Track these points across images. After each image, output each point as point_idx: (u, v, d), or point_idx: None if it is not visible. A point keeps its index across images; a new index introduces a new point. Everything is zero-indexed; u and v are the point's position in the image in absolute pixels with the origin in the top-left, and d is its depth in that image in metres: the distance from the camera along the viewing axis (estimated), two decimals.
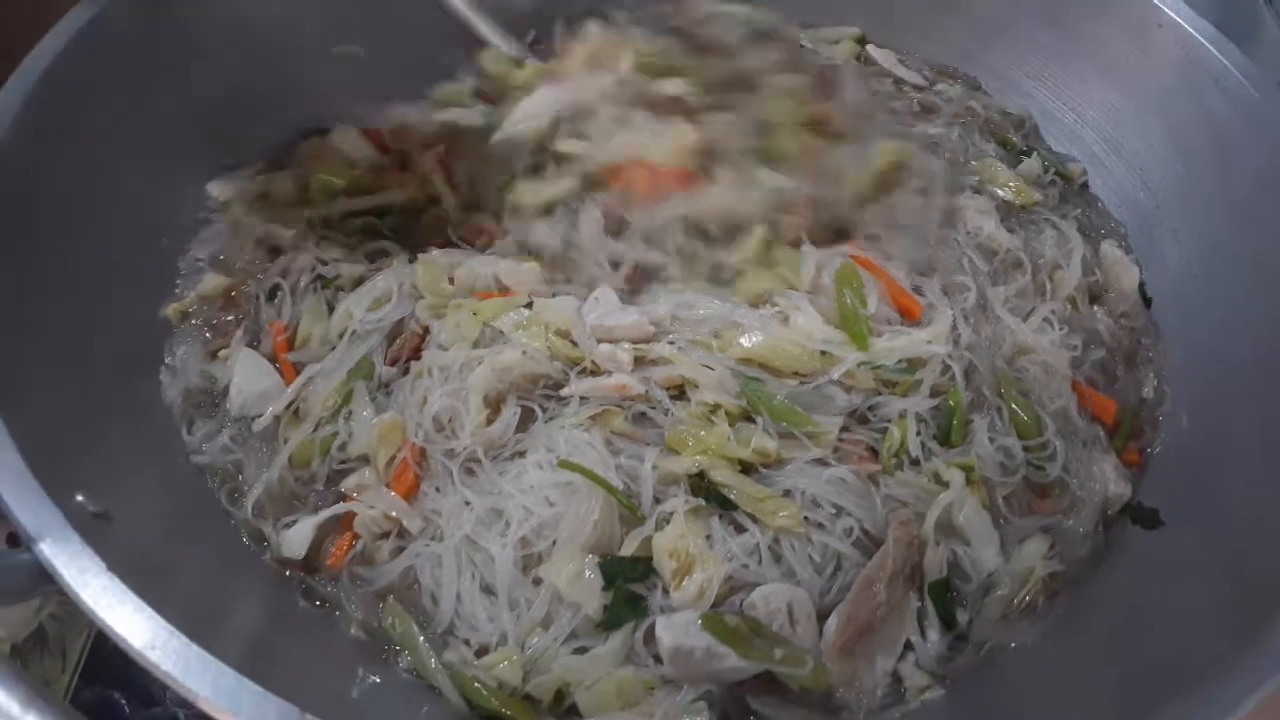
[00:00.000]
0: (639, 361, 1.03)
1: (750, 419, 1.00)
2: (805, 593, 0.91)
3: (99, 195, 1.08)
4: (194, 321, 1.16)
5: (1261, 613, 0.83)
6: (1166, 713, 0.77)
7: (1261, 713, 0.76)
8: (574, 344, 1.04)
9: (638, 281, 1.15)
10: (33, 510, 0.77)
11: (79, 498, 0.81)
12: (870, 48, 1.53)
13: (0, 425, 0.80)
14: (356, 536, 1.00)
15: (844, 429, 1.00)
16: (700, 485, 0.96)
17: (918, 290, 1.13)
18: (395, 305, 1.11)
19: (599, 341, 1.03)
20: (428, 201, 1.27)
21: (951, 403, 1.03)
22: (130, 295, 1.12)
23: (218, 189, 1.26)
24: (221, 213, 1.24)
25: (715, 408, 0.99)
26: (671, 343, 1.03)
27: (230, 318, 1.17)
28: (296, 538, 0.99)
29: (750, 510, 0.94)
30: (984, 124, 1.42)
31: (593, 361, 1.03)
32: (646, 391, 1.00)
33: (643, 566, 0.92)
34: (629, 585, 0.91)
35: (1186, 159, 1.25)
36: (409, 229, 1.24)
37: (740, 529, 0.95)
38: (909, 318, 1.10)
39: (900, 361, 1.03)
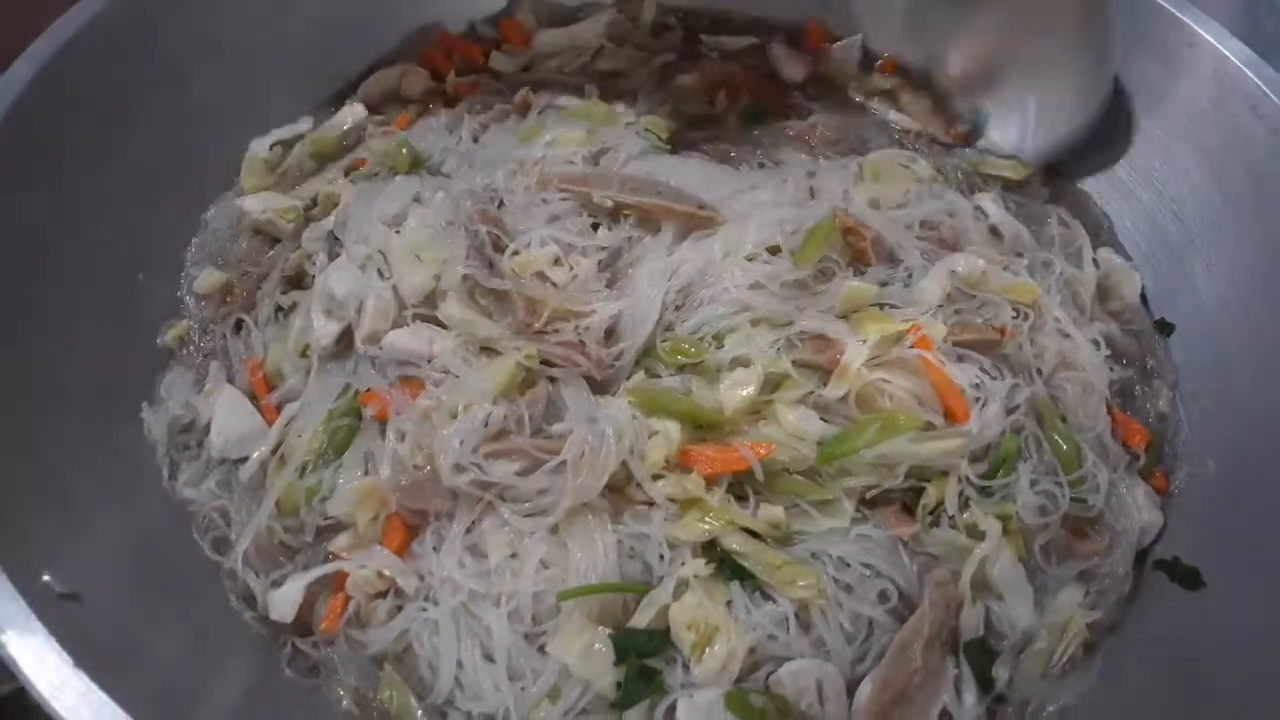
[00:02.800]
0: None
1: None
2: (835, 668, 0.86)
3: (65, 233, 1.03)
4: (188, 350, 1.14)
5: None
6: None
7: None
8: None
9: None
10: None
11: (46, 578, 0.77)
12: None
13: None
14: (350, 597, 0.94)
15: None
16: (713, 551, 0.90)
17: (978, 384, 0.99)
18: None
19: None
20: None
21: (1002, 456, 0.97)
22: (105, 338, 1.06)
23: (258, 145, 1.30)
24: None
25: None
26: None
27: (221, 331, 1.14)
28: (285, 600, 0.94)
29: (767, 579, 0.88)
30: None
31: None
32: None
33: (659, 640, 0.85)
34: (643, 660, 0.85)
35: (1221, 187, 1.19)
36: None
37: (766, 596, 0.88)
38: (954, 421, 0.97)
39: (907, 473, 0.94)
